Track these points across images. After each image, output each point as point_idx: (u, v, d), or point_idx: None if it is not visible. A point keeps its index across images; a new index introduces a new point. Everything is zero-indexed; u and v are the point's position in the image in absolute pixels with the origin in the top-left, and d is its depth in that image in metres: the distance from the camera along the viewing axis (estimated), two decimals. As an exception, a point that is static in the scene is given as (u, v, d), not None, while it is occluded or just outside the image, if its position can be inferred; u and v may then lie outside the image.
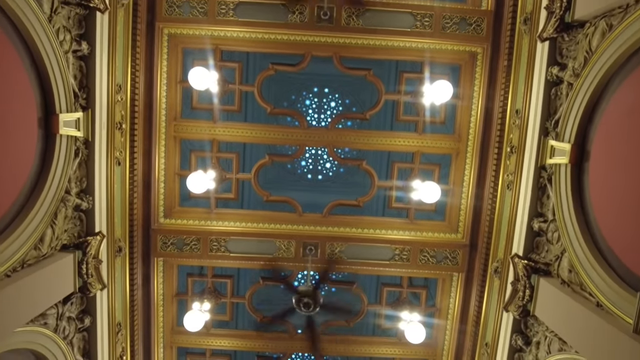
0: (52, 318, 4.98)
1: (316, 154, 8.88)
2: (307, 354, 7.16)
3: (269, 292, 7.08)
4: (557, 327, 4.82)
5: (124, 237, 6.05)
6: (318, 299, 5.14)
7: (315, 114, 6.99)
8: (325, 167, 8.87)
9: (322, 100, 7.94)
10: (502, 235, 6.01)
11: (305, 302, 5.07)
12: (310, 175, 8.75)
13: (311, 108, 7.90)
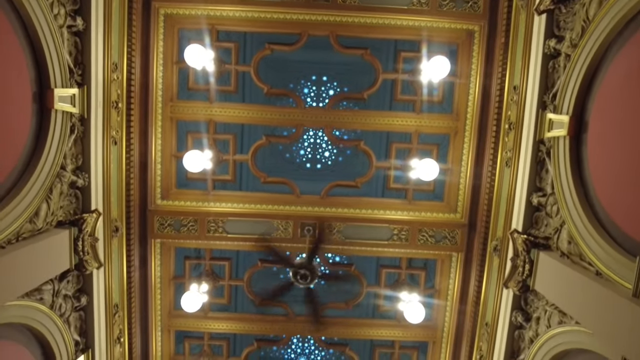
0: (48, 294, 4.95)
1: (315, 142, 8.86)
2: (308, 337, 7.11)
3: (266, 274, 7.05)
4: (557, 299, 4.79)
5: (120, 217, 6.02)
6: (314, 269, 5.12)
7: (313, 102, 6.96)
8: (324, 155, 8.85)
9: (320, 89, 7.93)
10: (500, 213, 5.97)
11: (302, 273, 5.04)
12: (309, 164, 8.74)
13: (309, 96, 7.89)
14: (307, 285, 5.17)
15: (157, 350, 6.95)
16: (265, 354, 7.27)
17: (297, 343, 7.28)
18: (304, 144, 8.55)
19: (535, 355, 5.23)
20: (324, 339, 7.10)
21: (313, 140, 8.35)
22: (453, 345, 6.80)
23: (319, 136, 7.17)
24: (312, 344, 7.21)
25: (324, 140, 7.61)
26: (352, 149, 6.75)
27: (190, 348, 7.12)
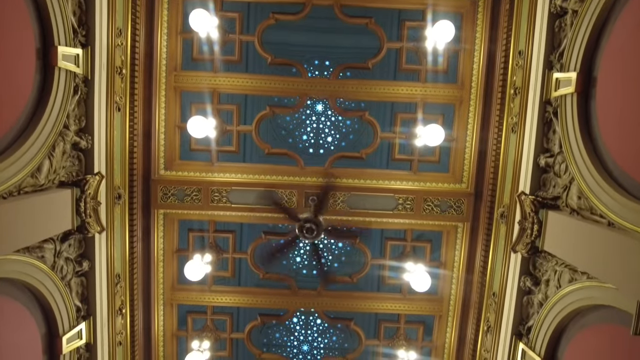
0: (50, 253, 4.88)
1: (317, 127, 8.77)
2: (311, 310, 7.00)
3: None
4: (568, 255, 4.70)
5: (123, 185, 5.96)
6: (320, 223, 5.05)
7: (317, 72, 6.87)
8: (327, 140, 8.77)
9: (322, 74, 7.87)
10: (507, 180, 5.90)
11: (308, 227, 4.97)
12: (312, 149, 8.65)
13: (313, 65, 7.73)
14: (313, 240, 5.10)
15: (160, 324, 6.86)
16: (268, 329, 7.14)
17: (300, 317, 7.16)
18: (307, 128, 8.43)
19: (546, 317, 5.14)
20: (328, 313, 6.99)
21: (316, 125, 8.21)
22: (460, 318, 6.70)
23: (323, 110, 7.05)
24: (316, 317, 7.09)
25: (329, 116, 7.46)
26: (357, 121, 6.67)
27: (193, 323, 7.02)
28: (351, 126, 6.83)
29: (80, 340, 5.52)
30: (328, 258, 5.86)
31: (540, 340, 5.29)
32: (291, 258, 7.06)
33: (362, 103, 6.60)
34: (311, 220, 5.01)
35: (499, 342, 6.00)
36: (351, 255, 6.93)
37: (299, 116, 6.83)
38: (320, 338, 7.28)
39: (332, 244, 7.05)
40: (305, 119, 6.90)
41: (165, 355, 6.99)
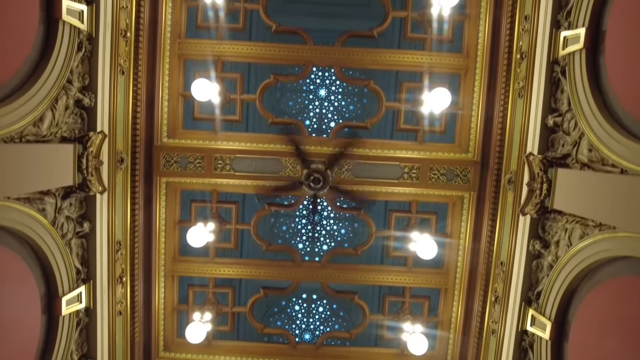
0: (50, 207, 4.80)
1: (320, 112, 8.76)
2: (314, 281, 6.87)
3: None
4: (580, 209, 4.61)
5: (126, 150, 5.89)
6: (328, 178, 4.95)
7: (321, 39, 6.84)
8: (330, 126, 8.75)
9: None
10: (514, 146, 5.82)
11: (315, 177, 4.88)
12: (315, 134, 8.63)
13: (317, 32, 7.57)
14: (315, 192, 4.99)
15: (160, 297, 6.73)
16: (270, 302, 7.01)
17: (302, 290, 7.04)
18: (309, 113, 8.39)
19: (556, 279, 5.03)
20: (331, 285, 6.87)
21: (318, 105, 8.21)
22: (466, 291, 6.57)
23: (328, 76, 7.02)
24: (319, 290, 6.97)
25: (333, 78, 7.27)
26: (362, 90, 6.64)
27: (194, 297, 6.89)
28: (357, 95, 6.78)
29: (79, 304, 5.41)
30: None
31: (550, 304, 5.18)
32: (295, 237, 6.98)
33: (367, 71, 6.55)
34: (320, 172, 4.92)
35: (507, 311, 5.88)
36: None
37: (302, 85, 6.80)
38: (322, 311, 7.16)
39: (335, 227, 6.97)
40: (309, 90, 6.87)
41: (165, 329, 6.85)
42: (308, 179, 4.97)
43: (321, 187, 4.96)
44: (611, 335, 4.36)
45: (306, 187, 5.05)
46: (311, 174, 4.96)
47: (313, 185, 4.96)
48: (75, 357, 5.53)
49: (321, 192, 5.10)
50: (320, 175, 4.91)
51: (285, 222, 6.89)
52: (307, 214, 5.24)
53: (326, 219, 7.07)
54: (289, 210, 6.75)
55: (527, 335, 5.64)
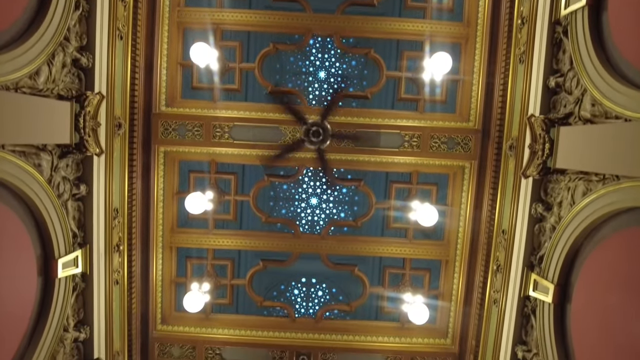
0: (47, 164, 4.73)
1: (320, 82, 8.56)
2: (316, 255, 6.81)
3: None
4: (583, 164, 4.55)
5: (124, 116, 5.83)
6: (327, 128, 4.90)
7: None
8: (330, 82, 8.45)
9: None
10: (515, 113, 5.77)
11: (314, 130, 4.83)
12: (315, 102, 8.50)
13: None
14: (318, 145, 4.95)
15: (158, 269, 6.65)
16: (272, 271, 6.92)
17: (303, 262, 6.96)
18: (309, 82, 8.24)
19: (559, 240, 4.97)
20: (331, 258, 6.80)
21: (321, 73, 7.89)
22: (467, 262, 6.50)
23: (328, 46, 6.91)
24: (320, 262, 6.88)
25: (334, 47, 7.12)
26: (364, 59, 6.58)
27: (192, 269, 6.82)
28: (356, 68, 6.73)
29: (75, 268, 5.33)
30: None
31: (553, 266, 5.11)
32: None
33: (367, 40, 6.49)
34: (318, 124, 4.88)
35: (509, 279, 5.82)
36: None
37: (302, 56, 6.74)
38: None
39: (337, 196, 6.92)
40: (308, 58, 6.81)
41: (163, 302, 6.77)
42: (308, 134, 4.92)
43: (322, 139, 4.91)
44: (616, 291, 4.30)
45: (308, 143, 5.01)
46: (309, 128, 4.92)
47: (314, 140, 4.92)
48: (72, 322, 5.45)
49: (324, 144, 5.05)
50: (319, 127, 4.87)
51: (284, 193, 6.83)
52: (321, 173, 5.16)
53: (326, 193, 7.01)
54: (289, 181, 6.68)
55: (529, 301, 5.58)
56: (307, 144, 5.08)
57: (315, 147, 5.09)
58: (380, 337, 6.69)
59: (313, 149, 5.14)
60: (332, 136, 5.10)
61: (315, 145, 5.03)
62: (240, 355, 6.58)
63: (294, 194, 6.76)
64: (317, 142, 4.97)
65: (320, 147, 5.10)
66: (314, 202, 6.80)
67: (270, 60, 6.58)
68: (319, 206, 6.95)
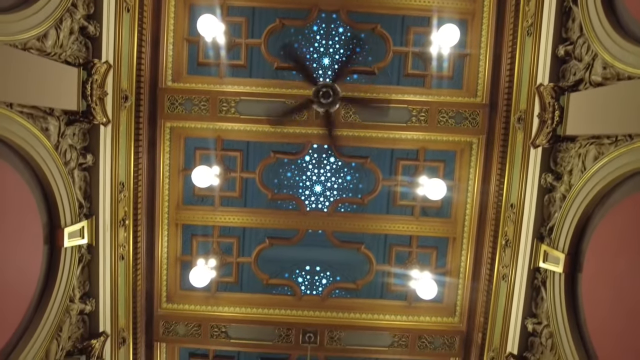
0: (54, 128, 4.71)
1: (327, 43, 8.25)
2: (319, 231, 6.75)
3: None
4: (595, 127, 4.52)
5: (130, 89, 5.80)
6: (337, 90, 4.85)
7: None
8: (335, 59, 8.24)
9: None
10: (523, 84, 5.72)
11: (325, 91, 4.78)
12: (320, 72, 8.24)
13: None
14: (328, 108, 4.90)
15: (163, 246, 6.61)
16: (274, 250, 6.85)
17: (309, 236, 6.89)
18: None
19: (570, 208, 4.91)
20: (336, 234, 6.74)
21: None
22: (475, 238, 6.45)
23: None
24: (324, 238, 6.83)
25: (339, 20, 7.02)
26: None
27: (198, 247, 6.77)
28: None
29: (81, 239, 5.29)
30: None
31: (563, 236, 5.06)
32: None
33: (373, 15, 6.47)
34: (329, 86, 4.83)
35: (519, 252, 5.76)
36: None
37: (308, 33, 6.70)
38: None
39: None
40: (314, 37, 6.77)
41: (168, 280, 6.72)
42: (317, 95, 4.87)
43: (332, 101, 4.86)
44: (628, 256, 4.25)
45: (317, 104, 4.95)
46: (320, 90, 4.87)
47: (324, 101, 4.86)
48: (78, 294, 5.41)
49: (333, 107, 5.00)
50: (329, 89, 4.82)
51: (290, 170, 6.78)
52: (326, 135, 5.08)
53: (332, 168, 6.94)
54: (295, 158, 6.64)
55: (539, 273, 5.53)
56: (316, 105, 5.03)
57: (324, 110, 5.03)
58: (387, 315, 6.64)
59: (321, 111, 5.09)
60: (342, 99, 5.05)
61: (324, 108, 4.97)
62: (246, 332, 6.52)
63: (301, 172, 6.72)
64: (326, 104, 4.92)
65: (329, 110, 5.05)
66: (320, 179, 6.75)
67: (276, 38, 6.55)
68: (325, 183, 6.90)
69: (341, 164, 6.79)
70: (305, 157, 6.85)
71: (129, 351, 6.19)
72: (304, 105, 5.19)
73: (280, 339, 6.52)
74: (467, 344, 6.53)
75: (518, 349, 5.65)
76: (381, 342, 6.52)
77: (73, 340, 5.39)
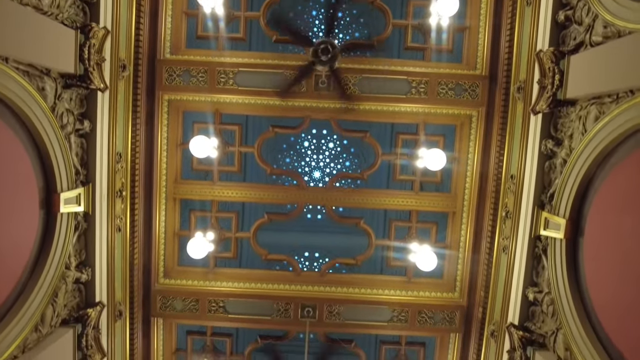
0: (50, 89, 4.69)
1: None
2: (320, 206, 6.71)
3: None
4: (596, 85, 4.45)
5: (128, 59, 5.76)
6: (333, 42, 4.82)
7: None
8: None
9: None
10: (523, 54, 5.69)
11: (323, 48, 4.75)
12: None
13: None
14: (331, 64, 4.86)
15: (161, 220, 6.55)
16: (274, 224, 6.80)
17: (308, 212, 6.86)
18: None
19: (571, 173, 4.87)
20: (336, 209, 6.69)
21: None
22: (475, 212, 6.41)
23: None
24: (324, 213, 6.79)
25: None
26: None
27: (196, 222, 6.71)
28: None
29: (78, 206, 5.24)
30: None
31: (564, 201, 5.01)
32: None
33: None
34: (324, 42, 4.79)
35: (519, 223, 5.72)
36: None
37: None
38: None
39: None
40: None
41: (166, 256, 6.66)
42: (317, 54, 4.84)
43: (332, 55, 4.81)
44: (630, 216, 4.21)
45: (319, 64, 4.91)
46: (317, 48, 4.84)
47: (324, 58, 4.83)
48: (74, 262, 5.35)
49: (335, 62, 4.96)
50: (326, 44, 4.77)
51: (289, 145, 6.78)
52: (339, 94, 4.98)
53: (331, 142, 6.94)
54: (294, 132, 6.61)
55: (540, 241, 5.49)
56: (318, 65, 4.99)
57: (327, 67, 4.99)
58: (386, 290, 6.58)
59: (326, 70, 5.05)
60: (342, 50, 4.99)
61: (327, 65, 4.93)
62: (244, 307, 6.45)
63: (299, 147, 6.72)
64: (327, 61, 4.88)
65: (332, 66, 5.01)
66: (319, 153, 6.74)
67: (274, 10, 6.53)
68: (323, 157, 6.88)
69: (341, 147, 6.76)
70: (304, 143, 6.85)
71: (126, 325, 6.11)
72: (307, 68, 5.15)
73: (278, 313, 6.45)
74: (467, 319, 6.47)
75: (519, 319, 5.60)
76: (380, 317, 6.46)
77: (69, 309, 5.33)
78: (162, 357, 6.71)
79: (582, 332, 4.56)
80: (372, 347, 6.94)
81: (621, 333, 4.23)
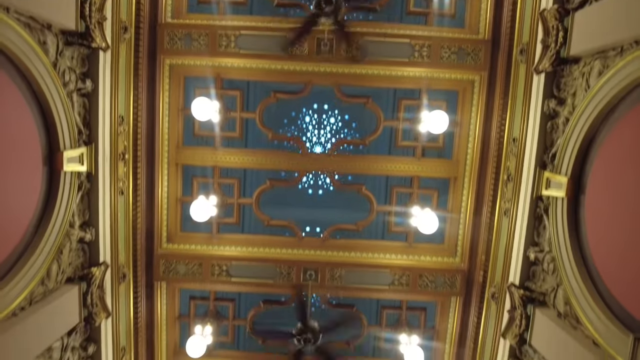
0: (52, 44, 4.64)
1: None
2: (322, 175, 6.73)
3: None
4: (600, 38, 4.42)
5: (129, 21, 5.72)
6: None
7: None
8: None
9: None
10: (526, 15, 5.65)
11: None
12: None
13: None
14: (335, 15, 4.84)
15: (164, 185, 6.57)
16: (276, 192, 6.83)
17: (309, 180, 6.87)
18: None
19: (574, 130, 4.84)
20: (338, 176, 6.71)
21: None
22: (477, 175, 6.43)
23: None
24: (326, 182, 6.81)
25: None
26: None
27: (198, 188, 6.73)
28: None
29: (81, 166, 5.26)
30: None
31: (566, 159, 5.02)
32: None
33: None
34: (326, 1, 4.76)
35: (521, 184, 5.74)
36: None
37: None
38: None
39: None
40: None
41: (168, 221, 6.69)
42: (320, 6, 4.80)
43: (335, 5, 4.77)
44: (632, 171, 4.22)
45: (323, 16, 4.88)
46: (319, 1, 4.80)
47: (327, 9, 4.80)
48: (77, 221, 5.39)
49: (339, 13, 4.92)
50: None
51: (290, 120, 6.78)
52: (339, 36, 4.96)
53: (332, 117, 6.94)
54: (296, 97, 6.59)
55: (541, 202, 5.51)
56: (322, 17, 4.95)
57: (332, 20, 4.96)
58: (387, 255, 6.64)
59: (330, 22, 5.02)
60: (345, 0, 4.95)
61: (331, 17, 4.90)
62: (247, 271, 6.51)
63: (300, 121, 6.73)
64: (331, 12, 4.85)
65: (337, 18, 4.98)
66: (320, 128, 6.75)
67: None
68: (324, 133, 6.89)
69: (342, 123, 6.74)
70: (306, 118, 6.84)
71: (129, 288, 6.17)
72: (311, 22, 5.10)
73: (281, 277, 6.51)
74: (468, 283, 6.53)
75: (520, 279, 5.65)
76: (381, 281, 6.52)
77: (74, 267, 5.38)
78: (166, 321, 6.79)
79: (581, 285, 4.61)
80: (373, 312, 7.02)
81: (621, 286, 4.28)
